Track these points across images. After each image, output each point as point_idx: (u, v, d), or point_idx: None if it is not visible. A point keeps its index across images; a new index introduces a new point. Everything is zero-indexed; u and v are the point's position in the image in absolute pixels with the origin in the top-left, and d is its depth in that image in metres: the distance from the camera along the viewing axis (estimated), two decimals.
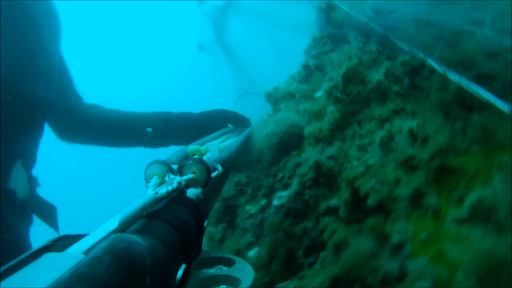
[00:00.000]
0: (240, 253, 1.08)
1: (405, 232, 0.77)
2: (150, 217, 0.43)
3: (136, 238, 0.34)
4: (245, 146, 1.15)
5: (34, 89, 1.09)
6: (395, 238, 0.77)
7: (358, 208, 0.88)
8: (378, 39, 1.16)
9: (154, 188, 0.49)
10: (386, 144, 0.94)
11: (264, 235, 1.05)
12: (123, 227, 0.36)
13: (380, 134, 0.96)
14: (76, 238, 0.31)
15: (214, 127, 1.26)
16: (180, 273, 0.39)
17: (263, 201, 1.12)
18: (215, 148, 0.75)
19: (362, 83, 1.10)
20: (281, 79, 1.64)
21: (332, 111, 1.14)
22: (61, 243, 0.32)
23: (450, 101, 0.87)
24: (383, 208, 0.84)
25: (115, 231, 0.34)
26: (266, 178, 1.17)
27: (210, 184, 0.60)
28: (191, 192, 0.54)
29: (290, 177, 1.11)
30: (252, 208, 1.13)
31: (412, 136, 0.87)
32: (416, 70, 1.02)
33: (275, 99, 1.51)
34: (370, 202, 0.84)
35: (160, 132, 1.30)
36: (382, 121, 1.01)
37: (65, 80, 1.32)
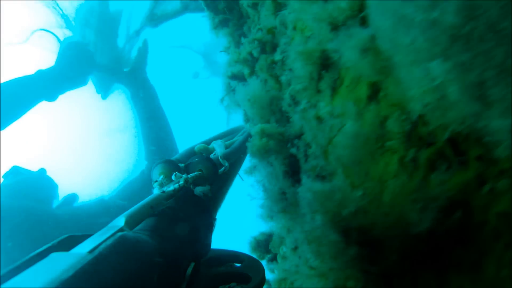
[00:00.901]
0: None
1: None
2: (157, 215, 0.43)
3: (144, 237, 0.34)
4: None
5: None
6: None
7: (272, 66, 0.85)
8: None
9: (161, 187, 0.48)
10: (277, 4, 0.93)
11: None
12: (130, 226, 0.36)
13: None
14: (82, 237, 0.31)
15: None
16: (189, 271, 0.39)
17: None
18: (221, 145, 0.74)
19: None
20: None
21: (224, 33, 1.14)
22: (67, 243, 0.31)
23: None
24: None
25: (121, 229, 0.33)
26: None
27: (218, 181, 0.59)
28: (199, 190, 0.54)
29: None
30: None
31: None
32: None
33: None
34: (278, 57, 0.82)
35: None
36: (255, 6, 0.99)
37: None
